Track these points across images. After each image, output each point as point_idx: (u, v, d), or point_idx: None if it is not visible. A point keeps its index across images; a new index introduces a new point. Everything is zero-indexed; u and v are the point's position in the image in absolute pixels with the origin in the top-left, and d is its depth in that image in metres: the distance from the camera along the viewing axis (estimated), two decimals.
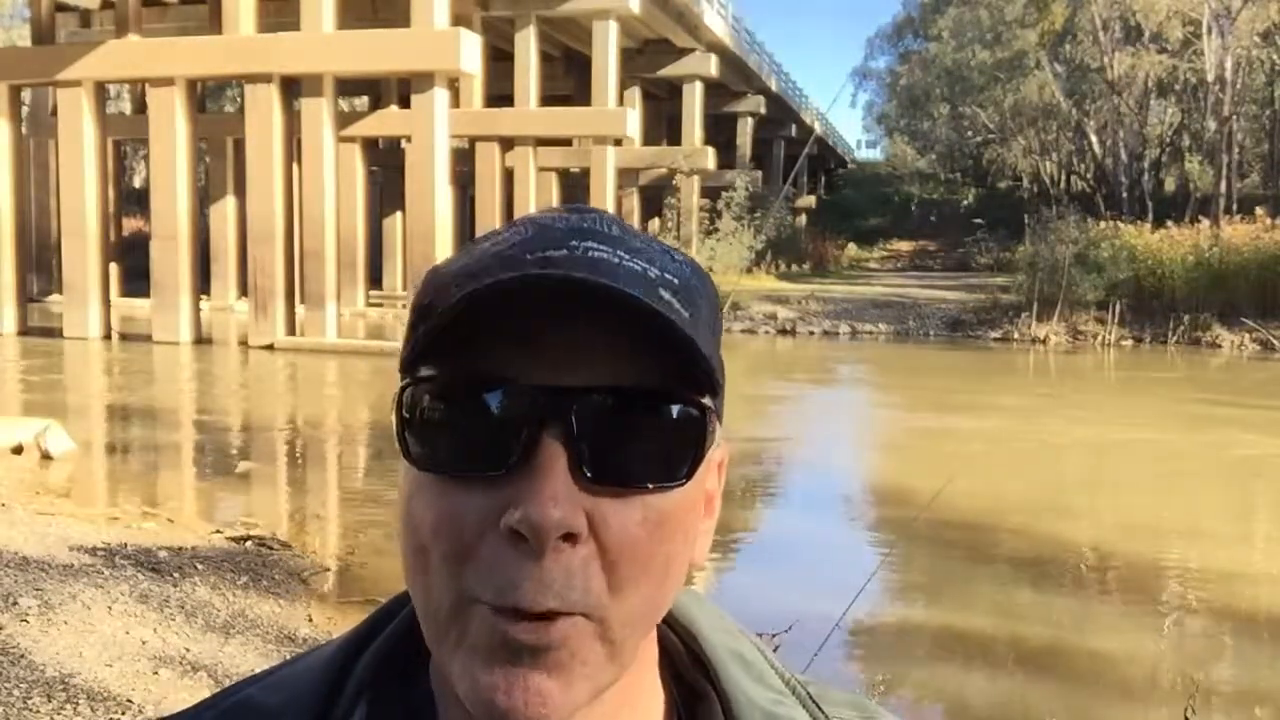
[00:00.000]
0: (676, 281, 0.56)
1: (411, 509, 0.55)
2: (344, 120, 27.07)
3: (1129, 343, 24.27)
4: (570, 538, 0.52)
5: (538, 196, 28.32)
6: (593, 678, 0.54)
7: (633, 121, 28.74)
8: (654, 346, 0.53)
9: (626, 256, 0.55)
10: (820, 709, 0.65)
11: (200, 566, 6.39)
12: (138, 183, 45.75)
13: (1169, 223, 27.36)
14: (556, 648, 0.52)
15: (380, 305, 30.10)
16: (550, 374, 0.53)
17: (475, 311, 0.53)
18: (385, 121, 29.58)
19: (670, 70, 36.16)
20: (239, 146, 26.61)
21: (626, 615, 0.54)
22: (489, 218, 27.18)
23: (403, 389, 0.56)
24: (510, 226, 0.59)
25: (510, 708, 0.52)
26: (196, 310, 21.91)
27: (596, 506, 0.53)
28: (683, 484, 0.55)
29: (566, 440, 0.52)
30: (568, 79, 35.39)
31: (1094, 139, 39.44)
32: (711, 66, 36.08)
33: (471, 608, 0.53)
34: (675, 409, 0.55)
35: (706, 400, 0.56)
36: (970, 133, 44.99)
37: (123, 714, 4.19)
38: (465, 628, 0.53)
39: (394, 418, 0.56)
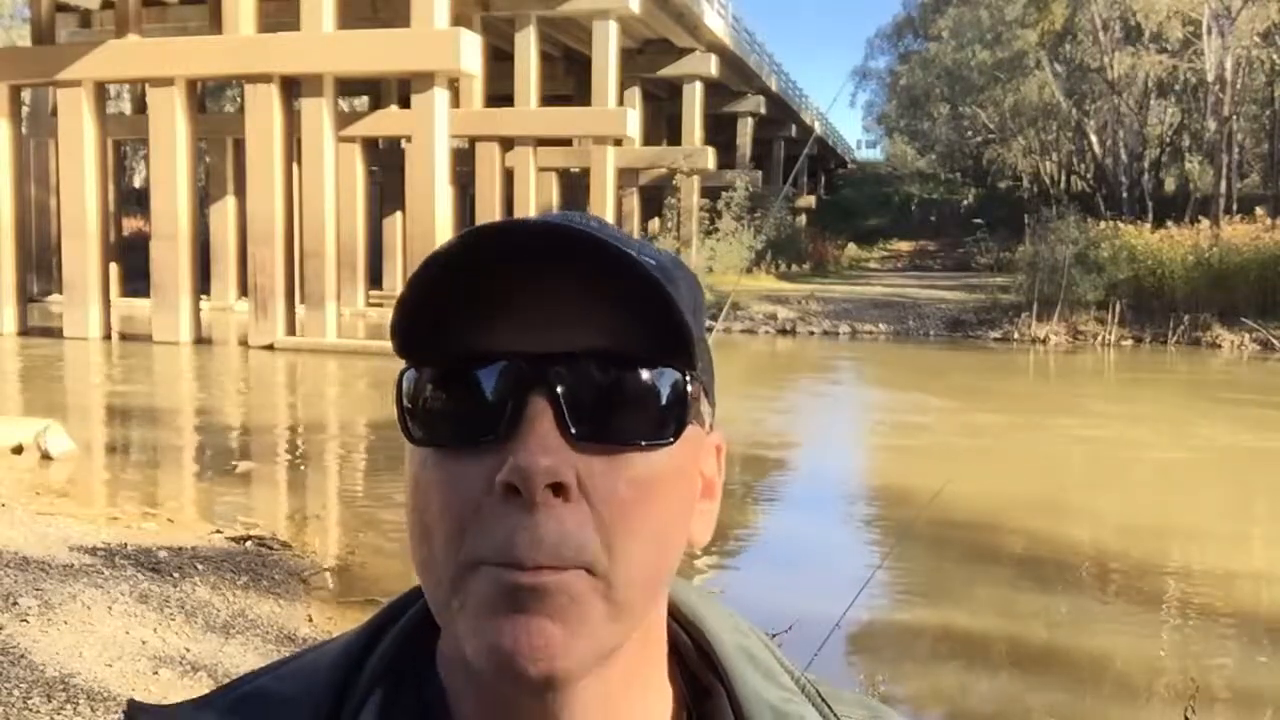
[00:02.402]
0: (654, 262, 0.58)
1: (416, 489, 0.57)
2: (344, 120, 27.06)
3: (1129, 343, 24.27)
4: (560, 489, 0.53)
5: (538, 196, 28.32)
6: (595, 633, 0.54)
7: (633, 121, 28.74)
8: (634, 307, 0.55)
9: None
10: (830, 708, 0.65)
11: (200, 566, 6.39)
12: (138, 183, 45.76)
13: (1169, 223, 27.35)
14: (556, 592, 0.53)
15: (380, 305, 30.09)
16: (534, 341, 0.55)
17: (456, 272, 0.55)
18: (385, 121, 29.58)
19: (670, 70, 36.15)
20: (239, 146, 26.62)
21: (626, 574, 0.55)
22: (489, 218, 27.01)
23: (401, 373, 0.58)
24: None
25: (514, 650, 0.53)
26: (196, 310, 21.90)
27: (585, 465, 0.54)
28: (669, 443, 0.56)
29: (552, 402, 0.54)
30: (568, 79, 35.39)
31: (1094, 139, 39.43)
32: (711, 66, 36.08)
33: (473, 570, 0.54)
34: (657, 371, 0.56)
35: (689, 370, 0.57)
36: (970, 133, 44.98)
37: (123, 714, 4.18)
38: (468, 590, 0.54)
39: (395, 401, 0.58)
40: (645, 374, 0.56)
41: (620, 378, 0.56)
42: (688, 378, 0.57)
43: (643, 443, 0.56)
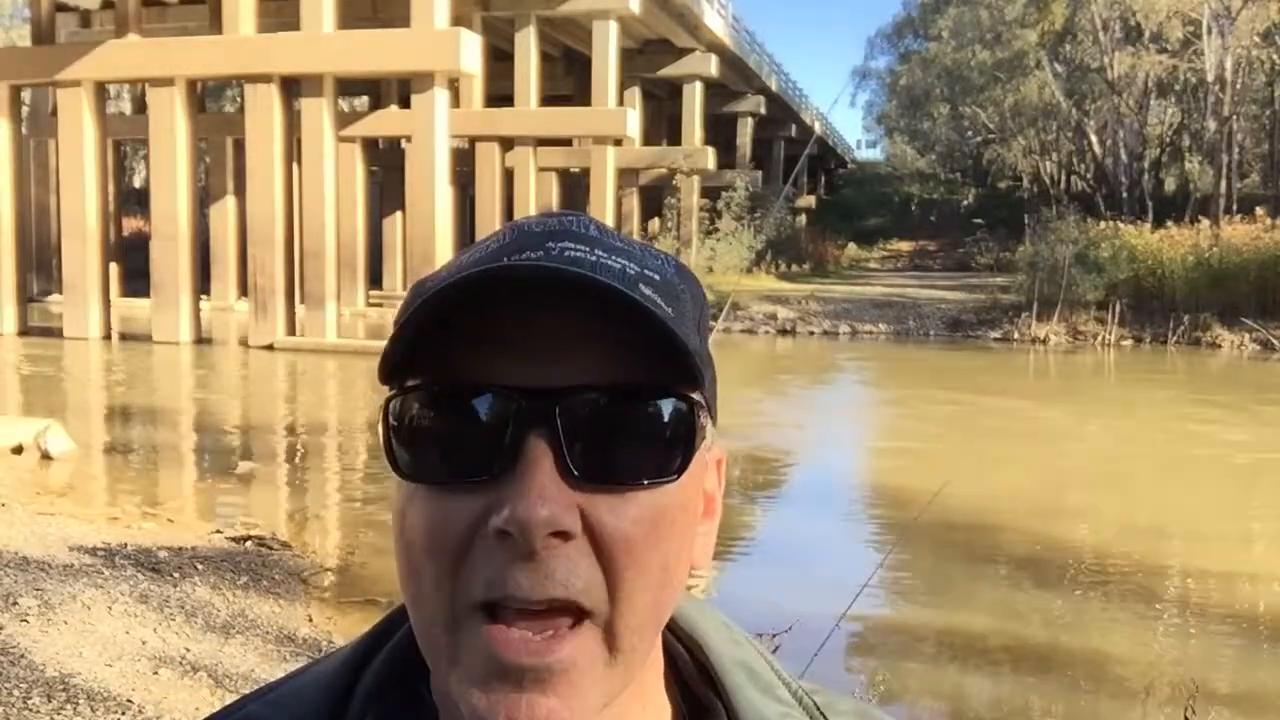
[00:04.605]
0: (657, 278, 0.56)
1: (404, 525, 0.55)
2: (344, 120, 27.06)
3: (1129, 343, 24.26)
4: (562, 535, 0.51)
5: (538, 196, 28.32)
6: (599, 692, 0.53)
7: (633, 121, 28.74)
8: (635, 339, 0.52)
9: (604, 254, 0.55)
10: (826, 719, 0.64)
11: (200, 566, 6.39)
12: (138, 183, 45.74)
13: (1169, 223, 27.35)
14: (561, 671, 0.51)
15: (380, 305, 30.08)
16: (532, 375, 0.52)
17: (450, 312, 0.52)
18: (385, 121, 29.58)
19: (670, 70, 36.15)
20: (239, 146, 26.62)
21: (632, 621, 0.53)
22: (489, 218, 27.18)
23: (387, 401, 0.55)
24: (494, 234, 0.59)
25: None
26: (196, 310, 21.90)
27: (590, 505, 0.52)
28: (675, 479, 0.54)
29: (552, 442, 0.52)
30: (568, 79, 35.38)
31: (1094, 139, 39.43)
32: (711, 66, 36.07)
33: (465, 624, 0.52)
34: (661, 404, 0.54)
35: (695, 395, 0.55)
36: (970, 133, 44.99)
37: (123, 714, 4.19)
38: (459, 648, 0.52)
39: (381, 430, 0.56)
40: (650, 408, 0.54)
41: (623, 413, 0.53)
42: (694, 406, 0.55)
43: (647, 481, 0.53)
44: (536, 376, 0.52)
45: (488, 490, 0.52)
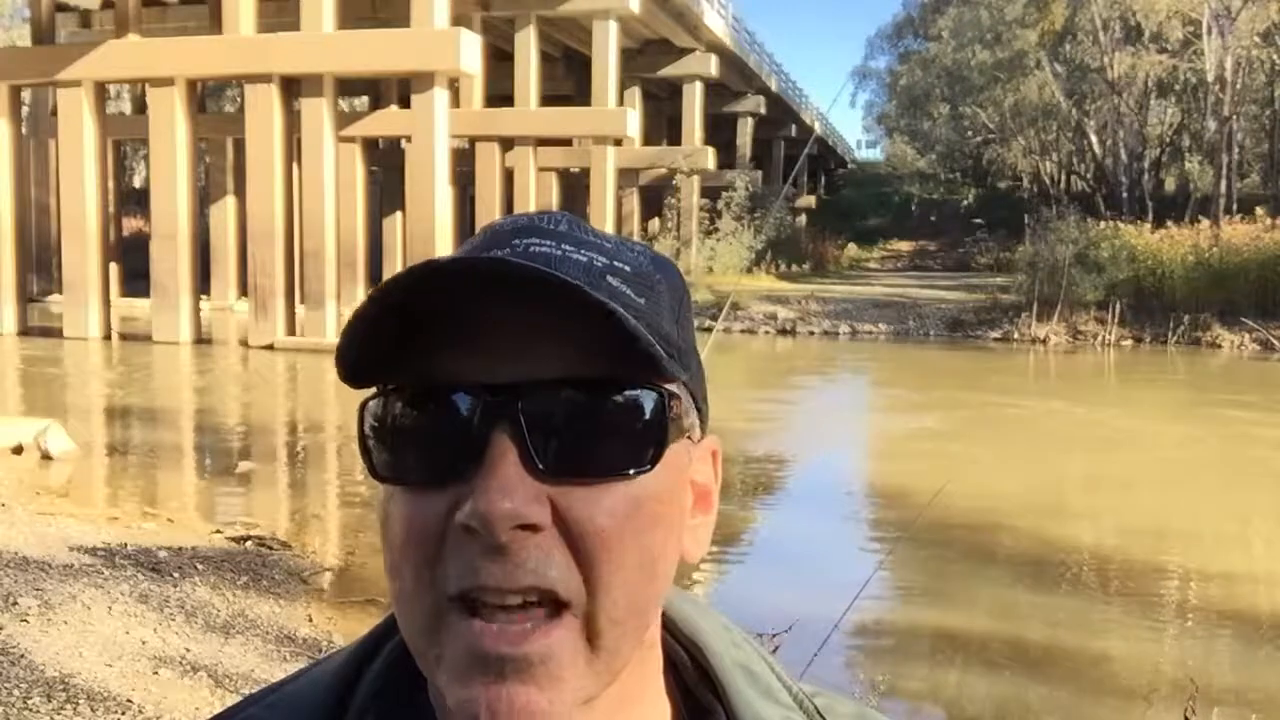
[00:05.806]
0: (628, 269, 0.56)
1: (386, 526, 0.55)
2: (344, 120, 27.05)
3: (1129, 343, 24.25)
4: (530, 528, 0.51)
5: (538, 196, 28.31)
6: (581, 686, 0.53)
7: (633, 121, 28.73)
8: (600, 332, 0.52)
9: (571, 249, 0.55)
10: None
11: (200, 566, 6.39)
12: (138, 183, 45.75)
13: (1169, 223, 27.35)
14: (540, 661, 0.51)
15: None
16: (496, 371, 0.53)
17: (406, 309, 0.52)
18: (385, 121, 29.56)
19: (670, 70, 36.16)
20: (239, 146, 26.63)
21: (612, 614, 0.53)
22: (489, 218, 27.04)
23: (361, 406, 0.56)
24: (472, 236, 0.59)
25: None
26: (196, 310, 21.90)
27: (562, 498, 0.52)
28: (647, 470, 0.54)
29: (515, 436, 0.52)
30: (568, 79, 35.39)
31: (1094, 139, 39.44)
32: (711, 66, 36.08)
33: (445, 619, 0.52)
34: (629, 395, 0.53)
35: (670, 386, 0.55)
36: (970, 133, 44.98)
37: (123, 714, 4.19)
38: (443, 644, 0.52)
39: (356, 434, 0.56)
40: (616, 399, 0.53)
41: (588, 406, 0.53)
42: (667, 395, 0.54)
43: (617, 473, 0.53)
44: (500, 373, 0.53)
45: (458, 487, 0.52)
